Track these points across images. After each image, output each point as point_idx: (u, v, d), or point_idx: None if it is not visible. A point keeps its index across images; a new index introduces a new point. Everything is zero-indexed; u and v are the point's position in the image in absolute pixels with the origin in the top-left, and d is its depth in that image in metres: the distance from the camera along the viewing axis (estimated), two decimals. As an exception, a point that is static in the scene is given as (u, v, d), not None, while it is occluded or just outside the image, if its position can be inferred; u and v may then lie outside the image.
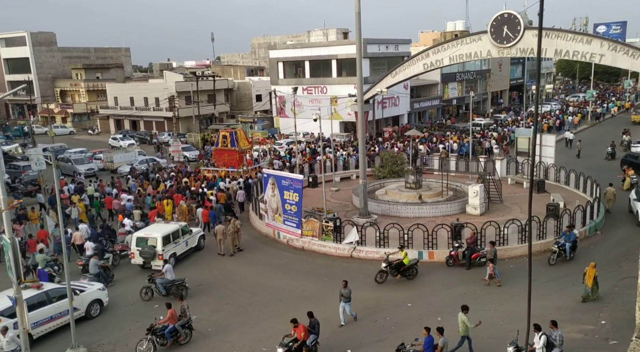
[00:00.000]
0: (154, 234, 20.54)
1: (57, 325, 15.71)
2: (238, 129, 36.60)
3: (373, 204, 25.55)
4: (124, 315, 17.10)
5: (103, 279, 18.73)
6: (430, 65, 36.29)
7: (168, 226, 21.72)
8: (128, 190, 30.26)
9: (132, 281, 19.74)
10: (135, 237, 20.72)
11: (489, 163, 30.97)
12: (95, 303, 16.98)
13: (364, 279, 18.88)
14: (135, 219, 24.67)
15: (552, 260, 19.10)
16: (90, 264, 18.95)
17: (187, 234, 21.87)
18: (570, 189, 28.17)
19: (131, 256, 20.78)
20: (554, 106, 66.90)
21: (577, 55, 30.19)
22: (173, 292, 17.50)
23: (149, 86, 64.67)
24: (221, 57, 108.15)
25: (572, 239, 19.36)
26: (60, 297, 15.79)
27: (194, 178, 32.28)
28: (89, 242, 21.18)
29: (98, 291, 17.22)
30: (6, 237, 11.70)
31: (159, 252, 20.08)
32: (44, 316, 15.33)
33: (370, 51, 49.29)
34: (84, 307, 16.56)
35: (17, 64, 76.39)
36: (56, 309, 15.67)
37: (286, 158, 38.90)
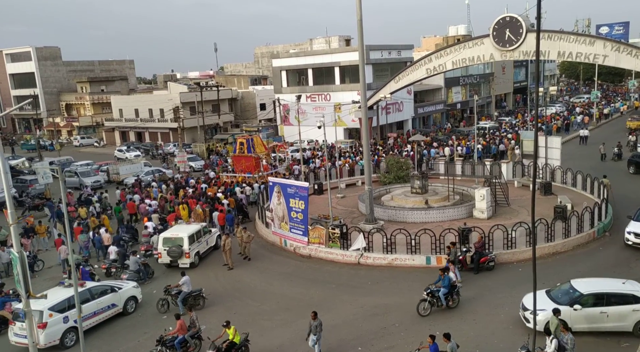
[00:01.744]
0: (180, 234, 21.69)
1: (100, 320, 17.03)
2: (254, 136, 37.48)
3: (379, 210, 25.49)
4: (132, 326, 17.11)
5: (143, 275, 20.16)
6: (433, 70, 36.34)
7: (191, 226, 22.97)
8: (150, 196, 31.42)
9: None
10: (162, 237, 21.89)
11: (495, 166, 30.87)
12: (131, 300, 18.09)
13: (371, 285, 18.81)
14: (154, 222, 25.87)
15: (423, 310, 16.04)
16: (130, 261, 20.42)
17: (207, 233, 23.24)
18: (578, 191, 28.00)
19: (158, 255, 21.85)
20: (558, 108, 66.79)
21: (580, 57, 30.14)
22: (191, 303, 17.49)
23: (154, 98, 65.08)
24: (225, 67, 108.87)
25: (447, 285, 16.13)
26: (101, 293, 17.18)
27: (213, 183, 33.39)
28: (112, 247, 22.38)
29: (133, 289, 18.40)
30: (14, 251, 11.75)
31: (185, 251, 21.32)
32: (88, 311, 16.51)
33: (372, 57, 49.42)
34: (121, 304, 17.76)
35: (22, 79, 77.15)
36: (98, 305, 16.98)
37: (308, 164, 39.18)
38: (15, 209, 13.82)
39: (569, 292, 14.64)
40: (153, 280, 20.80)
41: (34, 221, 26.64)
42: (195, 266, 21.81)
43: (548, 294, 15.02)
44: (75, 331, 15.77)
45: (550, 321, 13.20)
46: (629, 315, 14.04)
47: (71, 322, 15.91)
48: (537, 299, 14.17)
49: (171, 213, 27.04)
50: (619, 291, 14.32)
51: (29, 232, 25.01)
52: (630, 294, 14.21)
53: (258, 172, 34.76)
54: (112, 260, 21.72)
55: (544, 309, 14.12)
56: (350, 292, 18.36)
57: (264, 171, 35.39)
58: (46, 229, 26.07)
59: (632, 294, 14.20)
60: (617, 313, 14.05)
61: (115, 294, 17.61)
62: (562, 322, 12.86)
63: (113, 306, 17.47)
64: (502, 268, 19.35)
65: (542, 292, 15.04)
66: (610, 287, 14.63)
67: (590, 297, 14.22)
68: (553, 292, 15.08)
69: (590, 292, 14.32)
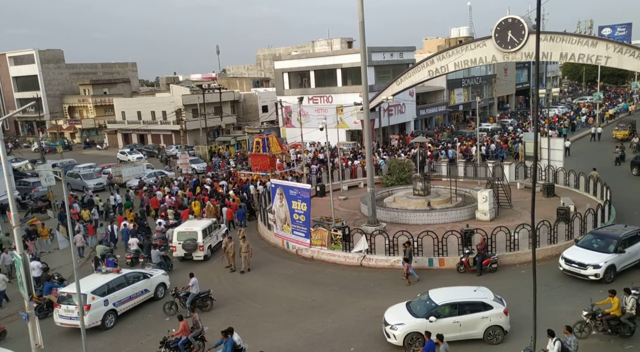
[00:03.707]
0: (194, 228, 22.89)
1: (134, 303, 18.28)
2: (270, 136, 38.35)
3: (381, 212, 25.47)
4: (135, 329, 17.12)
5: (164, 267, 21.16)
6: (435, 71, 36.33)
7: (203, 221, 24.21)
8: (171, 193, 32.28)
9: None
10: (177, 232, 23.03)
11: (498, 168, 30.81)
12: (161, 286, 19.34)
13: (374, 287, 18.78)
14: (170, 217, 27.11)
15: None
16: (152, 255, 21.71)
17: (217, 228, 24.42)
18: (580, 192, 27.93)
19: (173, 249, 22.93)
20: (561, 109, 66.72)
21: (582, 58, 30.10)
22: (199, 305, 17.56)
23: (156, 100, 65.20)
24: (227, 70, 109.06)
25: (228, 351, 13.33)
26: (135, 279, 18.41)
27: (230, 181, 34.62)
28: (132, 239, 23.56)
29: (163, 276, 19.72)
30: (17, 253, 11.77)
31: (199, 244, 22.54)
32: (124, 295, 17.85)
33: (374, 59, 49.43)
34: (153, 289, 18.97)
35: (26, 82, 77.39)
36: (133, 290, 18.23)
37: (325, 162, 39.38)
38: (18, 212, 13.86)
39: (426, 304, 14.64)
40: (171, 273, 21.21)
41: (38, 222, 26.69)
42: (208, 259, 23.00)
43: (408, 306, 15.01)
44: (114, 313, 17.38)
45: None
46: (479, 322, 14.28)
47: (110, 305, 17.29)
48: (396, 313, 14.71)
49: (185, 209, 28.21)
50: (470, 299, 14.57)
51: (32, 234, 25.10)
52: (480, 301, 14.49)
53: (272, 171, 35.32)
54: (135, 251, 22.91)
55: (402, 323, 14.24)
56: (353, 295, 18.34)
57: (278, 170, 36.02)
58: (49, 232, 26.12)
59: (482, 302, 14.47)
60: (468, 321, 14.24)
61: (148, 280, 18.85)
62: (567, 327, 12.81)
63: (146, 291, 18.73)
64: (504, 270, 19.31)
65: (402, 305, 15.18)
66: (462, 296, 14.78)
67: (445, 308, 14.33)
68: (412, 304, 15.05)
69: (445, 303, 14.41)
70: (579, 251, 18.36)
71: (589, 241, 18.78)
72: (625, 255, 17.90)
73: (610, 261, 17.54)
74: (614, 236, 18.45)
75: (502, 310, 14.44)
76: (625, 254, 17.90)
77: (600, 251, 17.97)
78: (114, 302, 17.40)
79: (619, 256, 17.75)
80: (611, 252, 17.75)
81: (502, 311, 14.43)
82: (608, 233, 18.87)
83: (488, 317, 14.27)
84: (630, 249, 18.06)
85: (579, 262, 17.77)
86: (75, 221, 26.54)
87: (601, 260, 17.54)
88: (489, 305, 14.41)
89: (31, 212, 31.79)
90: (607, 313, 14.03)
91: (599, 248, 18.16)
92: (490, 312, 14.32)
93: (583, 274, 17.57)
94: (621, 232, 18.61)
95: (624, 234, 18.39)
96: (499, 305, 14.55)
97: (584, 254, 18.02)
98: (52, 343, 16.17)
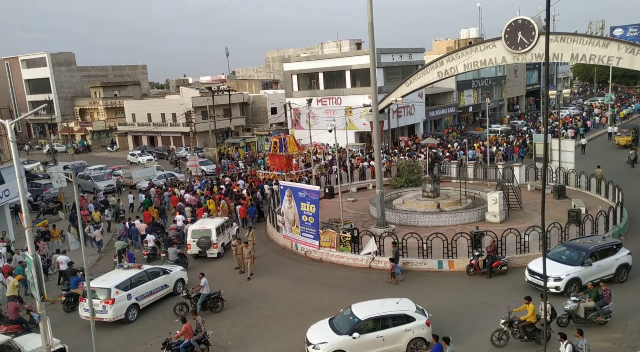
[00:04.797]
0: (208, 226, 23.46)
1: (155, 298, 18.79)
2: (288, 136, 38.92)
3: (390, 214, 25.40)
4: (145, 329, 17.21)
5: (181, 264, 21.55)
6: (444, 73, 36.20)
7: (216, 220, 24.75)
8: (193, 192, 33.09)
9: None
10: (191, 229, 23.56)
11: (508, 170, 30.62)
12: (180, 282, 19.78)
13: (383, 290, 18.72)
14: (187, 215, 28.03)
15: None
16: (169, 252, 22.16)
17: (229, 227, 24.93)
18: (592, 194, 27.65)
19: (187, 246, 23.41)
20: (572, 110, 66.18)
21: (594, 59, 29.83)
22: (209, 306, 17.62)
23: (166, 102, 65.58)
24: (236, 72, 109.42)
25: None
26: (155, 275, 18.92)
27: (247, 180, 35.33)
28: (149, 236, 24.41)
29: (181, 272, 20.26)
30: (29, 254, 11.89)
31: (214, 242, 23.09)
32: (146, 290, 18.37)
33: (383, 61, 49.37)
34: (172, 285, 19.49)
35: (38, 85, 78.23)
36: (154, 285, 18.74)
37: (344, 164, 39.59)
38: (30, 213, 14.01)
39: (349, 319, 14.14)
40: (187, 270, 21.41)
41: (48, 224, 26.93)
42: (221, 256, 23.49)
43: (331, 323, 14.45)
44: (136, 307, 17.90)
45: None
46: (402, 335, 13.92)
47: (133, 299, 17.78)
48: (318, 331, 14.19)
49: (200, 207, 28.95)
50: (394, 312, 14.18)
51: (45, 235, 25.36)
52: (403, 314, 14.15)
53: (288, 171, 35.60)
54: (152, 247, 23.69)
55: (324, 342, 13.68)
56: (362, 297, 18.19)
57: (293, 170, 36.34)
58: (60, 233, 26.35)
59: (405, 314, 14.14)
60: (392, 335, 13.85)
61: (167, 276, 19.36)
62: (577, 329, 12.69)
63: (165, 286, 19.22)
64: (515, 272, 19.13)
65: (325, 322, 14.61)
66: (385, 309, 14.32)
67: (369, 322, 13.87)
68: (335, 320, 14.50)
69: (368, 317, 13.93)
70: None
71: (559, 253, 18.06)
72: (593, 268, 17.03)
73: (573, 274, 16.77)
74: (583, 247, 17.65)
75: (424, 321, 14.12)
76: (593, 267, 17.03)
77: (567, 263, 17.23)
78: (136, 297, 17.90)
79: (584, 269, 16.94)
80: (576, 265, 16.96)
81: (424, 322, 14.10)
82: (579, 245, 18.00)
83: (411, 330, 13.92)
84: (601, 262, 17.22)
85: (541, 274, 17.01)
86: (85, 222, 26.79)
87: (563, 272, 16.83)
88: (411, 317, 14.07)
89: (43, 214, 32.10)
90: (523, 320, 14.03)
91: (567, 260, 17.42)
92: (413, 324, 13.96)
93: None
94: (592, 244, 17.75)
95: (594, 246, 17.53)
96: (421, 316, 14.23)
97: (549, 266, 16.95)
98: (77, 335, 16.55)
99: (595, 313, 14.48)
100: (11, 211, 29.05)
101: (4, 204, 27.36)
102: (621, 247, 17.96)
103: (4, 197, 26.95)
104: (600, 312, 14.47)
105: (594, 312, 14.50)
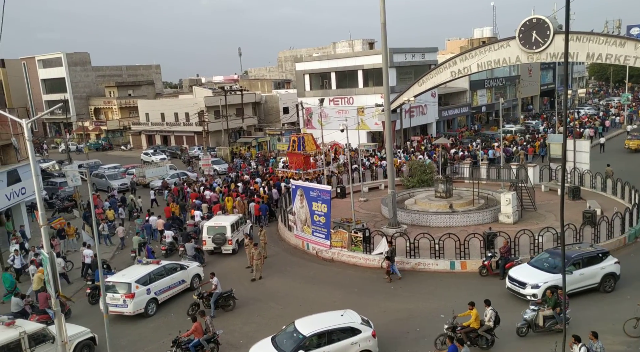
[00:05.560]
0: (224, 223, 23.97)
1: (173, 293, 19.21)
2: (306, 134, 39.23)
3: (402, 214, 25.31)
4: (158, 327, 17.35)
5: (199, 260, 22.09)
6: (457, 72, 35.96)
7: (230, 217, 25.29)
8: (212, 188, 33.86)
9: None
10: (206, 226, 24.07)
11: (522, 170, 30.33)
12: (196, 277, 20.23)
13: (394, 290, 18.67)
14: (203, 211, 28.50)
15: None
16: (187, 248, 22.73)
17: (243, 224, 25.39)
18: (608, 196, 27.29)
19: (203, 243, 23.80)
20: (587, 110, 65.40)
21: (610, 59, 29.42)
22: (221, 305, 17.72)
23: (179, 102, 66.07)
24: (248, 72, 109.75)
25: None
26: (173, 270, 19.33)
27: (265, 178, 35.81)
28: (167, 232, 24.89)
29: (197, 268, 20.71)
30: (45, 251, 12.04)
31: (229, 238, 23.62)
32: (164, 285, 18.79)
33: (396, 60, 49.20)
34: (189, 280, 19.89)
35: (54, 84, 79.31)
36: (172, 280, 19.17)
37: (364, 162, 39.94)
38: (46, 211, 14.20)
39: (293, 336, 13.52)
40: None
41: (64, 222, 27.29)
42: (235, 252, 23.90)
43: (273, 341, 13.85)
44: (155, 301, 18.34)
45: None
46: (349, 349, 13.51)
47: (152, 293, 18.21)
48: (262, 350, 13.66)
49: (216, 204, 29.46)
50: (339, 326, 13.68)
51: (61, 233, 25.70)
52: (348, 326, 13.70)
53: (305, 169, 35.94)
54: (169, 243, 24.31)
55: None
56: (373, 297, 18.26)
57: (311, 168, 36.66)
58: (75, 231, 26.68)
59: (350, 327, 13.70)
60: (338, 350, 13.42)
61: (184, 271, 19.77)
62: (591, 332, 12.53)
63: (183, 281, 19.62)
64: (528, 274, 18.93)
65: (268, 340, 14.07)
66: (330, 323, 13.78)
67: (313, 338, 13.30)
68: (278, 338, 13.90)
69: (313, 333, 13.33)
70: (525, 270, 17.25)
71: (542, 260, 17.56)
72: (575, 277, 16.43)
73: (551, 282, 16.16)
74: (565, 255, 17.39)
75: (370, 333, 13.80)
76: (575, 275, 16.43)
77: (548, 271, 16.74)
78: (155, 291, 18.32)
79: None
80: (556, 273, 16.36)
81: (370, 334, 13.78)
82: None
83: (357, 343, 13.57)
84: (584, 270, 16.62)
85: (519, 281, 16.75)
86: (99, 220, 27.08)
87: (542, 280, 16.34)
88: (357, 329, 13.71)
89: (58, 212, 32.52)
90: (466, 326, 13.92)
91: (548, 268, 16.92)
92: (359, 336, 13.60)
93: (522, 293, 16.42)
94: (576, 252, 17.15)
95: (577, 254, 16.93)
96: (367, 328, 13.90)
97: (528, 273, 16.94)
98: (100, 327, 16.31)
99: (554, 321, 14.34)
100: (27, 208, 29.48)
101: (20, 202, 27.79)
102: (608, 255, 17.32)
103: (21, 195, 27.37)
104: (558, 320, 14.28)
105: (552, 320, 14.35)
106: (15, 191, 26.85)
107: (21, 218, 28.29)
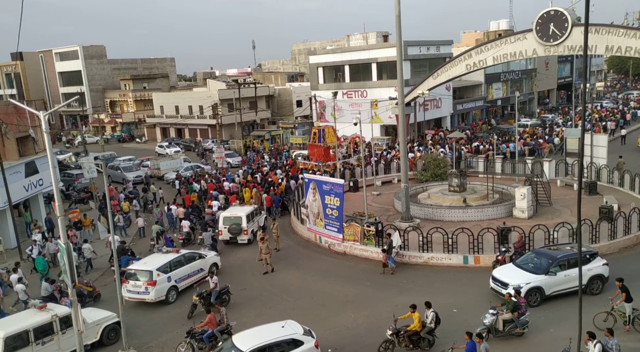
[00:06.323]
0: (239, 214, 24.40)
1: (192, 281, 19.47)
2: (327, 127, 39.49)
3: (415, 208, 25.21)
4: (172, 318, 17.56)
5: (215, 249, 22.34)
6: (473, 65, 35.52)
7: (246, 207, 25.75)
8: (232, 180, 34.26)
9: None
10: (223, 217, 24.53)
11: (537, 165, 29.99)
12: (214, 266, 20.57)
13: (406, 284, 18.65)
14: (220, 202, 28.89)
15: None
16: (205, 237, 23.09)
17: (258, 215, 25.80)
18: (625, 191, 26.88)
19: (219, 232, 24.23)
20: (606, 104, 64.32)
21: (629, 51, 28.81)
22: (220, 301, 17.78)
23: (193, 95, 66.40)
24: (262, 64, 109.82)
25: None
26: (192, 259, 19.74)
27: (285, 169, 36.48)
28: (185, 221, 25.46)
29: (215, 257, 21.03)
30: (62, 242, 12.24)
31: (244, 228, 24.01)
32: (183, 273, 19.21)
33: (410, 53, 48.80)
34: (207, 269, 20.13)
35: (70, 77, 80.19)
36: (191, 269, 19.57)
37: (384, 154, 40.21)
38: (62, 202, 14.41)
39: None
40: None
41: (79, 213, 27.67)
42: (251, 242, 24.12)
43: None
44: (175, 289, 18.74)
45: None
46: None
47: (173, 281, 18.59)
48: None
49: (233, 195, 30.07)
50: (280, 338, 13.02)
51: (77, 223, 26.09)
52: (290, 339, 13.12)
53: (325, 161, 36.22)
54: (186, 233, 24.83)
55: None
56: (386, 290, 18.26)
57: (330, 161, 36.82)
58: (91, 222, 27.05)
59: (292, 338, 13.14)
60: None
61: (203, 260, 20.17)
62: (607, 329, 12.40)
63: (201, 270, 19.93)
64: (542, 269, 18.77)
65: None
66: (271, 336, 13.05)
67: None
68: None
69: (253, 349, 12.49)
70: (509, 270, 16.94)
71: (527, 260, 17.18)
72: (559, 278, 16.09)
73: (535, 283, 15.90)
74: (551, 256, 16.71)
75: (312, 344, 13.32)
76: (559, 276, 16.09)
77: (531, 272, 16.33)
78: (175, 279, 18.69)
79: (548, 278, 16.00)
80: (539, 274, 16.07)
81: (313, 345, 13.32)
82: (547, 252, 17.02)
83: None
84: (569, 271, 16.13)
85: (501, 281, 16.41)
86: (115, 212, 27.41)
87: (524, 281, 15.94)
88: (299, 341, 13.15)
89: (74, 203, 32.99)
90: (409, 329, 13.85)
91: (532, 268, 16.52)
92: (302, 348, 13.04)
93: (504, 294, 15.72)
94: (562, 252, 16.73)
95: (563, 254, 16.52)
96: (309, 339, 13.40)
97: (512, 274, 16.59)
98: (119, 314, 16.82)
99: (513, 325, 14.20)
100: (44, 200, 29.95)
101: (38, 193, 28.24)
102: (596, 257, 16.92)
103: (38, 187, 27.81)
104: (517, 324, 14.18)
105: (512, 324, 14.21)
106: (32, 183, 27.29)
107: (39, 209, 28.77)
